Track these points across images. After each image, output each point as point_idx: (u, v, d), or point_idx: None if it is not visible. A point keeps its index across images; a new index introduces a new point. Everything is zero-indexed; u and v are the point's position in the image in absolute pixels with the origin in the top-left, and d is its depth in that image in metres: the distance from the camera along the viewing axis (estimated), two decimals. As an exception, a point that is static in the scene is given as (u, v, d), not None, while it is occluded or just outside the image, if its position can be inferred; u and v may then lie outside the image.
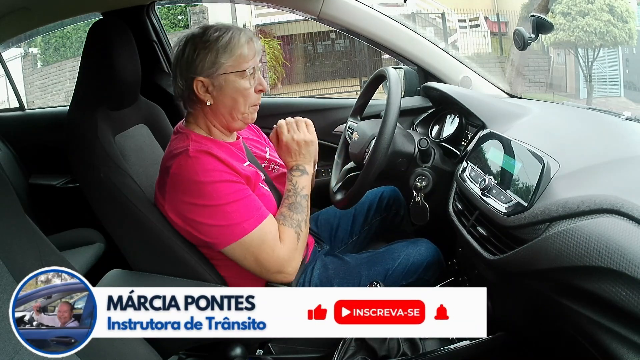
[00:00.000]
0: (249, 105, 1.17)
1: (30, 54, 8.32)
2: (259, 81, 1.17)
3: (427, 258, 1.34)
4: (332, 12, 1.71)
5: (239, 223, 1.10)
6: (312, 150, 1.27)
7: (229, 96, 1.15)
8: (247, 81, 1.14)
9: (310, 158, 1.27)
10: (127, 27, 1.29)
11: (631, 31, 5.89)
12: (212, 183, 1.09)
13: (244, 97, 1.15)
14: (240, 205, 1.11)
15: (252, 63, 1.15)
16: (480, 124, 1.35)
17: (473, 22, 9.05)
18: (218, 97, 1.15)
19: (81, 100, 1.29)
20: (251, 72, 1.15)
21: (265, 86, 1.18)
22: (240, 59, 1.13)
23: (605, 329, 0.79)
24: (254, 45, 1.16)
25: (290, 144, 1.24)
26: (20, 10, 1.62)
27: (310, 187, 1.25)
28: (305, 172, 1.24)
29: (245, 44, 1.14)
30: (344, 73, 9.26)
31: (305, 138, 1.25)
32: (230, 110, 1.16)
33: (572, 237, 0.82)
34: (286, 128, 1.25)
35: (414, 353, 1.14)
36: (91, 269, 1.73)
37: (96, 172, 1.18)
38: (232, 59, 1.13)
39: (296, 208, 1.20)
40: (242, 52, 1.13)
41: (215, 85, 1.14)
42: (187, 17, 8.51)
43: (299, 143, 1.24)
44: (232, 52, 1.13)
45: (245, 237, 1.11)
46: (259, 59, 1.18)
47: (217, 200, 1.09)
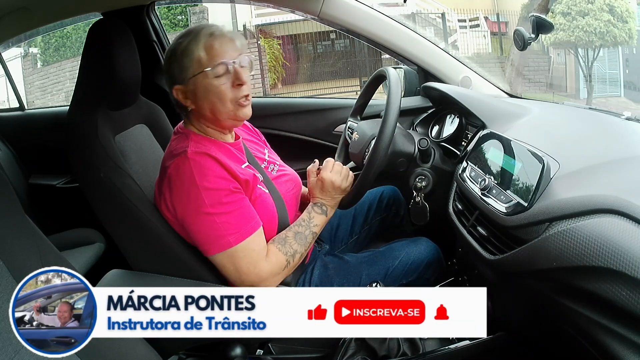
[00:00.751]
0: (228, 102, 1.14)
1: (30, 54, 8.32)
2: (235, 75, 1.14)
3: (427, 257, 1.34)
4: (332, 12, 1.71)
5: (225, 236, 1.10)
6: (340, 197, 1.30)
7: (204, 98, 1.15)
8: (216, 80, 1.13)
9: (336, 205, 1.30)
10: (127, 27, 1.29)
11: (631, 31, 5.89)
12: (207, 189, 1.09)
13: (218, 96, 1.14)
14: (230, 217, 1.11)
15: (217, 60, 1.12)
16: (480, 124, 1.36)
17: (473, 22, 9.05)
18: (196, 101, 1.16)
19: (81, 100, 1.29)
20: (221, 70, 1.12)
21: (243, 79, 1.14)
22: (202, 61, 1.13)
23: (605, 329, 0.79)
24: (214, 43, 1.13)
25: (327, 183, 1.27)
26: (20, 10, 1.62)
27: (320, 229, 1.27)
28: (325, 214, 1.27)
29: (202, 46, 1.13)
30: (344, 73, 9.26)
31: (342, 185, 1.28)
32: (212, 111, 1.16)
33: (572, 237, 0.82)
34: (331, 167, 1.29)
35: (414, 353, 1.14)
36: (91, 269, 1.74)
37: (96, 172, 1.18)
38: (195, 62, 1.13)
39: (300, 239, 1.21)
40: (199, 54, 1.12)
41: (189, 91, 1.15)
42: (187, 17, 8.51)
43: (334, 186, 1.27)
44: (192, 56, 1.13)
45: (228, 249, 1.11)
46: (234, 53, 1.15)
47: (209, 208, 1.09)
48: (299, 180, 1.38)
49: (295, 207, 1.34)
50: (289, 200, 1.29)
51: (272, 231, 1.21)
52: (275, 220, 1.22)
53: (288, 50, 9.42)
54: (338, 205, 1.31)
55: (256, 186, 1.20)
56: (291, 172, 1.38)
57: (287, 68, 9.33)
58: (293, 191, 1.33)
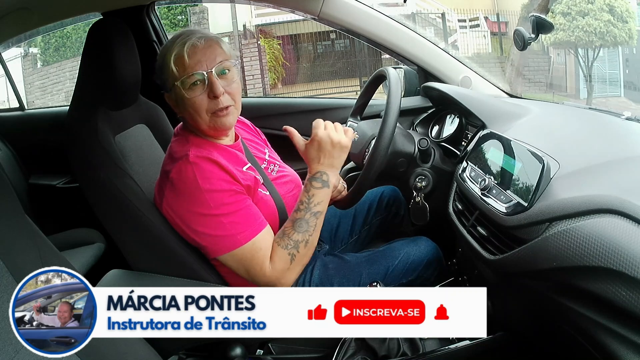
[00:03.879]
0: (204, 113, 1.12)
1: (30, 54, 8.33)
2: (210, 87, 1.10)
3: (427, 256, 1.34)
4: (332, 12, 1.71)
5: (233, 235, 1.09)
6: (343, 158, 1.17)
7: (183, 107, 1.14)
8: (190, 91, 1.11)
9: (338, 166, 1.17)
10: (127, 27, 1.29)
11: (631, 31, 5.90)
12: (211, 192, 1.09)
13: (192, 107, 1.12)
14: (236, 216, 1.10)
15: (188, 72, 1.10)
16: (480, 124, 1.36)
17: (473, 22, 9.05)
18: (179, 109, 1.17)
19: (81, 100, 1.29)
20: (192, 82, 1.10)
21: (217, 91, 1.10)
22: (173, 74, 1.11)
23: (605, 328, 0.79)
24: (186, 54, 1.10)
25: (324, 142, 1.14)
26: (20, 10, 1.62)
27: (325, 204, 1.15)
28: (327, 185, 1.15)
29: (172, 58, 1.11)
30: (344, 73, 9.26)
31: (341, 140, 1.15)
32: (192, 121, 1.15)
33: (572, 237, 0.82)
34: (324, 125, 1.16)
35: (414, 353, 1.14)
36: (91, 269, 1.74)
37: (96, 172, 1.18)
38: (169, 75, 1.12)
39: (300, 226, 1.12)
40: (171, 67, 1.11)
41: (173, 99, 1.16)
42: (187, 17, 8.51)
43: (333, 143, 1.14)
44: (166, 68, 1.12)
45: (237, 249, 1.10)
46: (208, 62, 1.11)
47: (214, 210, 1.09)
48: (299, 181, 1.38)
49: (296, 208, 1.34)
50: (290, 201, 1.29)
51: (273, 233, 1.21)
52: (277, 223, 1.22)
53: (288, 50, 9.43)
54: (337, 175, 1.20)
55: (257, 189, 1.20)
56: (291, 173, 1.38)
57: (287, 68, 9.34)
58: (293, 192, 1.32)
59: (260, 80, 8.61)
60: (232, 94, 1.14)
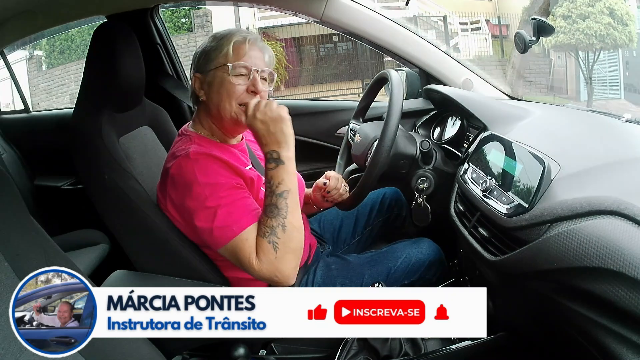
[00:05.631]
0: (234, 101, 1.15)
1: (35, 56, 8.36)
2: (253, 82, 1.15)
3: (429, 257, 1.35)
4: (335, 15, 1.72)
5: (228, 225, 1.08)
6: (286, 130, 1.07)
7: (216, 91, 1.16)
8: (234, 78, 1.14)
9: (286, 140, 1.08)
10: (131, 30, 1.30)
11: (631, 34, 5.89)
12: (208, 184, 1.09)
13: (227, 92, 1.14)
14: (231, 207, 1.10)
15: (243, 62, 1.14)
16: (481, 126, 1.36)
17: (474, 25, 9.04)
18: (208, 93, 1.18)
19: (86, 102, 1.30)
20: (242, 71, 1.14)
21: (259, 89, 1.15)
22: (228, 56, 1.15)
23: (605, 329, 0.79)
24: (244, 46, 1.16)
25: (254, 125, 1.07)
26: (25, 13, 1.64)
27: (291, 181, 1.08)
28: (280, 162, 1.07)
29: (232, 44, 1.15)
30: (347, 75, 9.26)
31: (271, 115, 1.07)
32: (218, 107, 1.16)
33: (573, 238, 0.83)
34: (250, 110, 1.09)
35: (415, 353, 1.14)
36: (96, 269, 1.74)
37: (100, 174, 1.19)
38: (221, 56, 1.15)
39: (272, 212, 1.07)
40: (228, 50, 1.15)
41: (207, 82, 1.17)
42: (191, 20, 8.54)
43: (263, 121, 1.06)
44: (220, 50, 1.16)
45: (231, 241, 1.08)
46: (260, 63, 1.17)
47: (210, 202, 1.09)
48: (302, 182, 1.39)
49: (298, 209, 1.34)
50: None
51: None
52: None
53: (291, 53, 9.43)
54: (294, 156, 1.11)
55: (260, 188, 1.20)
56: (294, 174, 1.38)
57: (290, 70, 9.34)
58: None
59: (262, 83, 8.61)
60: (263, 99, 1.16)
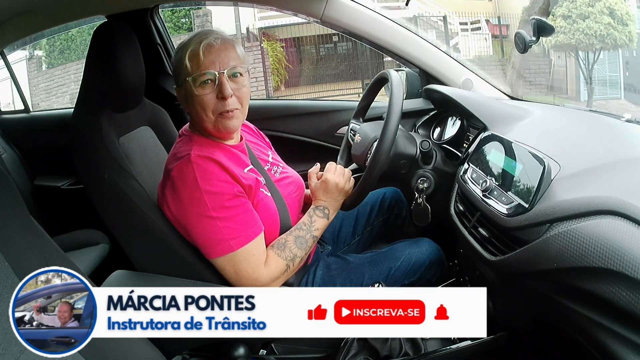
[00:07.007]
0: (210, 113, 1.14)
1: (35, 56, 8.36)
2: (220, 87, 1.12)
3: (429, 257, 1.35)
4: (335, 15, 1.72)
5: (227, 240, 1.11)
6: (341, 200, 1.31)
7: (191, 105, 1.16)
8: (199, 89, 1.12)
9: (338, 207, 1.31)
10: (131, 30, 1.30)
11: (631, 34, 5.88)
12: (210, 193, 1.10)
13: (200, 105, 1.13)
14: (232, 221, 1.11)
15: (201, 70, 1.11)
16: (481, 126, 1.36)
17: (474, 25, 9.05)
18: (187, 105, 1.18)
19: (85, 102, 1.30)
20: (204, 80, 1.12)
21: (225, 94, 1.11)
22: (187, 69, 1.13)
23: (605, 329, 0.79)
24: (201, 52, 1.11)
25: (331, 184, 1.29)
26: (25, 13, 1.64)
27: (321, 232, 1.27)
28: (326, 217, 1.28)
29: (188, 53, 1.12)
30: (347, 75, 9.27)
31: (345, 187, 1.31)
32: (199, 118, 1.16)
33: (573, 238, 0.83)
34: (334, 169, 1.32)
35: (416, 353, 1.14)
36: (96, 269, 1.75)
37: (100, 174, 1.19)
38: (183, 69, 1.14)
39: (301, 243, 1.21)
40: (185, 62, 1.13)
41: (182, 95, 1.18)
42: (191, 20, 8.54)
43: (338, 188, 1.29)
44: (181, 62, 1.14)
45: (229, 253, 1.12)
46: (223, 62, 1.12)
47: (211, 212, 1.10)
48: (301, 182, 1.39)
49: (298, 210, 1.35)
50: (292, 202, 1.30)
51: (273, 234, 1.22)
52: (277, 224, 1.22)
53: (291, 53, 9.44)
54: (340, 207, 1.32)
55: (259, 190, 1.20)
56: (294, 175, 1.39)
57: (290, 70, 9.34)
58: (296, 194, 1.33)
59: (263, 83, 8.62)
60: (240, 98, 1.15)
